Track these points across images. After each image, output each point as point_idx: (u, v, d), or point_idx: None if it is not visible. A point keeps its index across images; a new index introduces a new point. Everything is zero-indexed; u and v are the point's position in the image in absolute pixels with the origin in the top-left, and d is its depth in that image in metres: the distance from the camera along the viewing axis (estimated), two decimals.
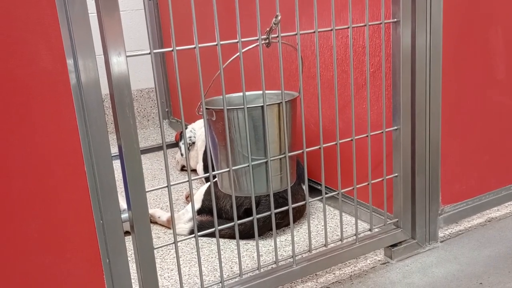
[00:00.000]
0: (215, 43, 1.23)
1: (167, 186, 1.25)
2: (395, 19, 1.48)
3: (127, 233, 1.21)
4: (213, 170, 1.36)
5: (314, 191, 2.07)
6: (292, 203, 1.46)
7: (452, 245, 1.70)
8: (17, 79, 1.02)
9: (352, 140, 1.50)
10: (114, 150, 1.14)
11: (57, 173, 1.10)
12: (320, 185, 1.53)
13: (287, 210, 1.45)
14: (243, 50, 1.29)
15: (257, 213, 1.41)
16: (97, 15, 1.08)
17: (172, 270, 1.69)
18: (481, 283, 1.47)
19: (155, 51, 1.16)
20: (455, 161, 1.74)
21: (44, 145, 1.07)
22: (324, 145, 1.45)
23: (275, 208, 1.43)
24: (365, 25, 1.43)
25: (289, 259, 1.49)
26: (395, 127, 1.56)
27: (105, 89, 1.10)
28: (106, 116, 1.13)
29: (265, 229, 1.85)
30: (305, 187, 1.54)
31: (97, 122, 1.11)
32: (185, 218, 1.95)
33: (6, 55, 1.00)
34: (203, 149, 2.45)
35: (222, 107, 1.31)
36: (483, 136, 1.79)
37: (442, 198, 1.72)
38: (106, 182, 1.15)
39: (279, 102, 1.39)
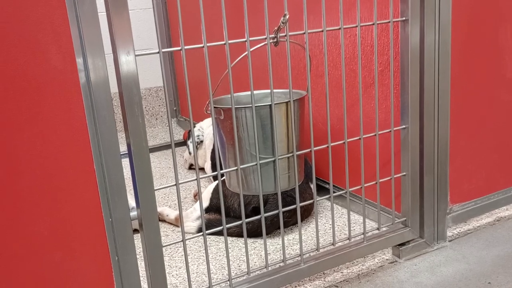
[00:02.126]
0: (223, 42, 1.23)
1: (175, 185, 1.25)
2: (404, 18, 1.47)
3: (135, 231, 1.22)
4: (221, 169, 1.37)
5: (322, 190, 2.07)
6: (300, 202, 1.46)
7: (461, 245, 1.70)
8: (28, 78, 1.03)
9: (360, 139, 1.49)
10: (123, 148, 1.15)
11: (67, 171, 1.11)
12: (328, 184, 1.53)
13: (295, 209, 1.45)
14: (251, 49, 1.29)
15: (265, 212, 1.42)
16: (106, 14, 1.08)
17: (180, 268, 1.70)
18: (489, 283, 1.47)
19: (163, 50, 1.17)
20: (463, 160, 1.74)
21: (54, 143, 1.08)
22: (332, 144, 1.45)
23: (283, 206, 1.43)
24: (373, 24, 1.43)
25: (296, 258, 1.49)
26: (403, 126, 1.56)
27: (114, 88, 1.11)
28: (115, 115, 1.14)
29: (272, 228, 1.85)
30: (313, 186, 1.54)
31: (106, 120, 1.12)
32: (193, 216, 1.96)
33: (17, 54, 1.01)
34: (211, 147, 2.46)
35: (230, 106, 1.31)
36: (492, 135, 1.79)
37: (451, 197, 1.72)
38: (115, 180, 1.15)
39: (287, 101, 1.39)
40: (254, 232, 1.82)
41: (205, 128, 2.59)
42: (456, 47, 1.59)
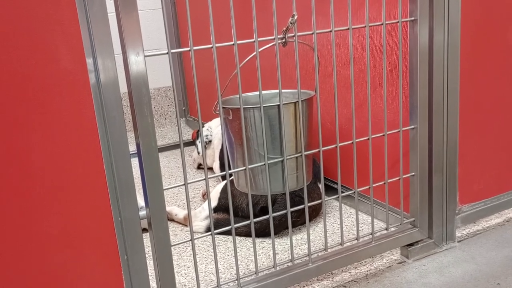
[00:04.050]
0: (232, 43, 1.23)
1: (184, 184, 1.26)
2: (413, 18, 1.47)
3: (144, 230, 1.23)
4: (230, 169, 1.37)
5: (330, 190, 2.07)
6: (308, 202, 1.46)
7: (470, 245, 1.69)
8: (38, 79, 1.04)
9: (368, 139, 1.49)
10: (132, 148, 1.16)
11: (77, 171, 1.12)
12: (336, 183, 1.54)
13: (303, 209, 1.45)
14: (259, 50, 1.30)
15: (273, 212, 1.42)
16: (116, 14, 1.09)
17: (188, 267, 1.71)
18: (498, 284, 1.46)
19: (172, 50, 1.17)
20: (473, 160, 1.73)
21: (64, 143, 1.09)
22: (340, 144, 1.45)
23: (291, 206, 1.43)
24: (382, 24, 1.43)
25: (305, 258, 1.49)
26: (412, 126, 1.55)
27: (123, 88, 1.11)
28: (124, 115, 1.14)
29: (281, 228, 1.85)
30: (321, 186, 1.54)
31: (116, 120, 1.12)
32: (201, 215, 1.97)
33: (27, 55, 1.02)
34: (219, 147, 2.47)
35: (239, 106, 1.31)
36: (501, 135, 1.78)
37: (460, 198, 1.71)
38: (124, 180, 1.16)
39: (295, 101, 1.39)
40: (262, 232, 1.82)
41: (214, 128, 2.59)
42: (465, 46, 1.58)
